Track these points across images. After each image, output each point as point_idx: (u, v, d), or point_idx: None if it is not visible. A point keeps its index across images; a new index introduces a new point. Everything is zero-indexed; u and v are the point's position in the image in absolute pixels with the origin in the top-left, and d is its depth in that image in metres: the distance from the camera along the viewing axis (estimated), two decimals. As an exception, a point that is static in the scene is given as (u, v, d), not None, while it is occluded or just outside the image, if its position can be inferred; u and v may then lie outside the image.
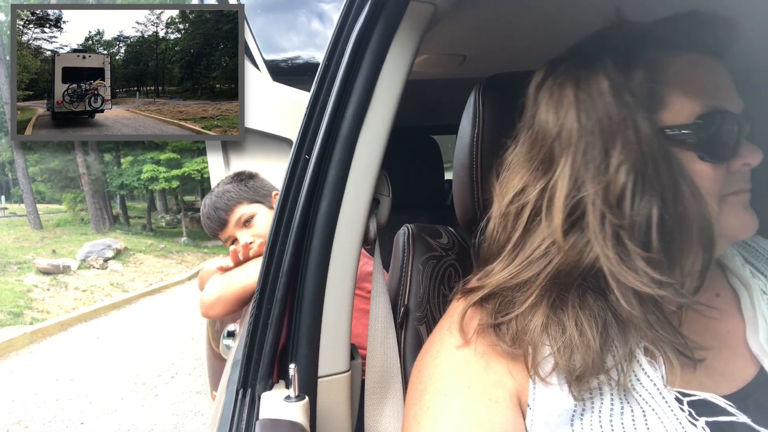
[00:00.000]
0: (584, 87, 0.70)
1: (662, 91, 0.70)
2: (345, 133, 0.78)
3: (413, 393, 0.76)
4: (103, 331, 7.49)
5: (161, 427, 4.26)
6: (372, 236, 0.84)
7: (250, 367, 0.76)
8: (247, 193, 1.68)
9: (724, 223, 0.71)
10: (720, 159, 0.69)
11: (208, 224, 1.68)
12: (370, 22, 0.78)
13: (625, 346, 0.67)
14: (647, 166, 0.66)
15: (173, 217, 21.43)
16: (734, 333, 0.77)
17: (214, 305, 1.48)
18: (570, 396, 0.67)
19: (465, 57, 1.41)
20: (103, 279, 10.59)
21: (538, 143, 0.73)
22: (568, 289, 0.70)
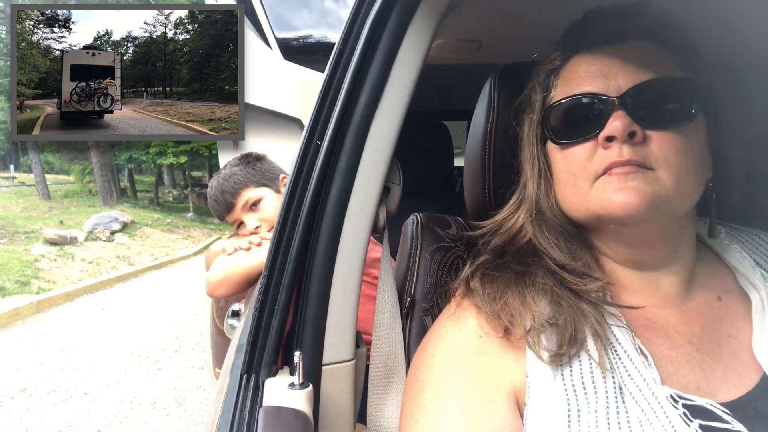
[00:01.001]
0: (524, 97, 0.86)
1: (552, 93, 0.80)
2: (358, 119, 0.77)
3: (410, 390, 0.76)
4: (108, 303, 7.55)
5: (163, 401, 4.30)
6: (381, 224, 0.83)
7: (255, 352, 0.76)
8: (255, 176, 1.67)
9: (594, 201, 0.71)
10: (564, 139, 0.76)
11: (215, 207, 1.68)
12: (387, 5, 0.76)
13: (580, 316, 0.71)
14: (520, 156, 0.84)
15: (180, 192, 21.47)
16: (736, 338, 0.75)
17: (220, 285, 1.48)
18: (563, 388, 0.67)
19: (481, 43, 1.39)
20: (110, 251, 10.65)
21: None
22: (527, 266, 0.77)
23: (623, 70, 0.72)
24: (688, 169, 0.70)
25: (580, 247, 0.79)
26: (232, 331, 1.75)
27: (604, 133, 0.70)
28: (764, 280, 0.78)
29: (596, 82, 0.73)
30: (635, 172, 0.68)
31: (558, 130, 0.77)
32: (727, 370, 0.72)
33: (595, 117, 0.72)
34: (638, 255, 0.77)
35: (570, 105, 0.75)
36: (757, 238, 0.84)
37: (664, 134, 0.69)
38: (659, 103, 0.70)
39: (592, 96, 0.73)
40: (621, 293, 0.77)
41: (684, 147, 0.69)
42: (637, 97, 0.70)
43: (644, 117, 0.69)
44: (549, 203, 0.80)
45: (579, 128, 0.74)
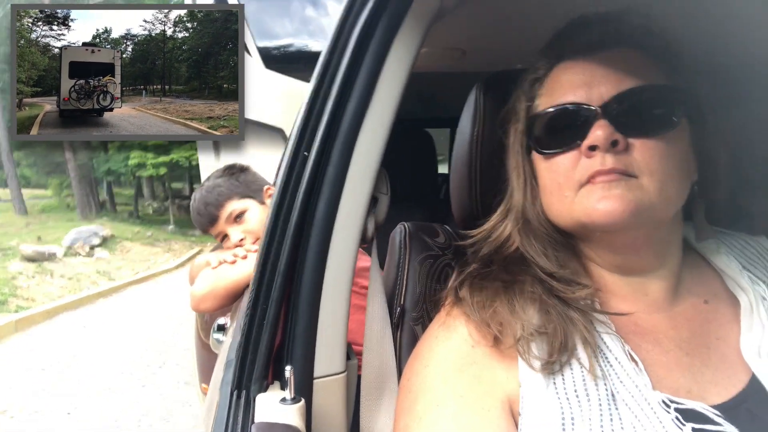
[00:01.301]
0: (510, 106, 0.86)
1: (536, 102, 0.81)
2: (345, 129, 0.76)
3: (403, 401, 0.76)
4: (89, 320, 7.42)
5: (149, 418, 4.24)
6: (370, 235, 0.83)
7: (244, 368, 0.75)
8: (239, 187, 1.66)
9: (579, 209, 0.72)
10: (548, 149, 0.76)
11: (198, 219, 1.65)
12: (375, 15, 0.76)
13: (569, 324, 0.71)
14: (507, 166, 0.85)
15: (160, 204, 21.24)
16: (725, 340, 0.76)
17: (205, 299, 1.46)
18: (556, 396, 0.67)
19: (464, 52, 1.40)
20: (90, 266, 10.49)
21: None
22: (515, 275, 0.77)
23: (605, 78, 0.73)
24: (672, 176, 0.71)
25: (567, 255, 0.80)
26: (218, 346, 1.73)
27: (587, 142, 0.71)
28: (752, 283, 0.79)
29: (579, 91, 0.74)
30: (618, 180, 0.69)
31: (542, 139, 0.78)
32: (716, 372, 0.73)
33: (578, 126, 0.72)
34: (625, 261, 0.77)
35: (553, 115, 0.76)
36: (743, 241, 0.86)
37: (647, 142, 0.70)
38: (641, 111, 0.71)
39: (575, 106, 0.74)
40: (609, 299, 0.78)
41: (667, 154, 0.70)
42: (619, 105, 0.71)
43: (626, 125, 0.70)
44: (535, 212, 0.80)
45: (562, 138, 0.75)
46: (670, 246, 0.79)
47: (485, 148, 0.93)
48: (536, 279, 0.76)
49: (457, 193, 1.00)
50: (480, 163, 0.94)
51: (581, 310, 0.73)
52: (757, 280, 0.80)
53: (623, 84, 0.72)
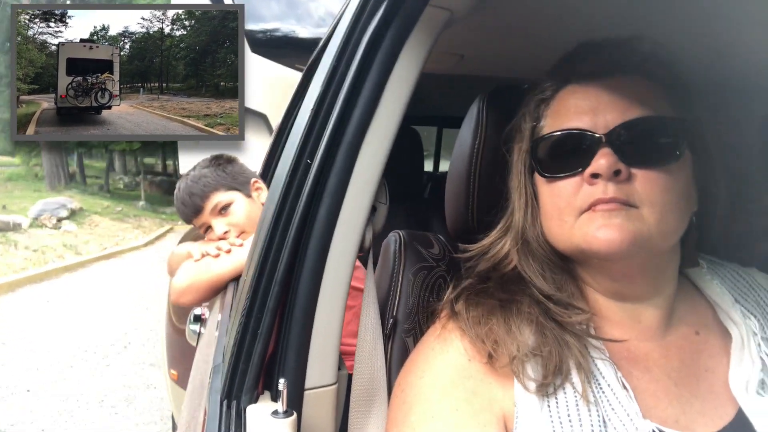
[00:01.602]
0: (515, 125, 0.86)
1: (541, 124, 0.81)
2: (349, 138, 0.75)
3: (397, 413, 0.75)
4: (53, 294, 7.27)
5: (112, 399, 4.17)
6: (367, 245, 0.81)
7: (235, 377, 0.74)
8: (225, 179, 1.63)
9: (578, 236, 0.72)
10: (551, 173, 0.76)
11: (183, 210, 1.62)
12: (384, 24, 0.74)
13: (564, 347, 0.71)
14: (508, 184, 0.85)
15: (132, 179, 20.83)
16: (714, 372, 0.77)
17: (186, 292, 1.43)
18: (549, 419, 0.67)
19: (463, 56, 1.39)
20: (56, 239, 10.24)
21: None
22: (512, 294, 0.77)
23: (611, 106, 0.73)
24: (672, 208, 0.71)
25: (564, 278, 0.80)
26: (194, 337, 1.70)
27: (590, 170, 0.71)
28: (744, 317, 0.80)
29: (585, 117, 0.74)
30: (619, 210, 0.69)
31: (545, 162, 0.78)
32: (704, 404, 0.74)
33: (582, 153, 0.73)
34: (621, 287, 0.78)
35: (558, 139, 0.76)
36: (735, 273, 0.87)
37: (649, 173, 0.70)
38: (645, 141, 0.71)
39: (580, 132, 0.74)
40: (603, 324, 0.78)
41: (668, 186, 0.71)
42: (623, 135, 0.71)
43: (630, 155, 0.70)
44: (535, 233, 0.81)
45: (566, 163, 0.75)
46: (665, 275, 0.79)
47: (485, 162, 0.93)
48: (533, 300, 0.77)
49: (453, 205, 0.99)
50: (479, 176, 0.94)
51: (576, 334, 0.73)
52: (749, 314, 0.81)
53: (629, 113, 0.72)
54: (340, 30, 0.85)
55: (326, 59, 0.86)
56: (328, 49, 0.92)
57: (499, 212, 0.87)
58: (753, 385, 0.74)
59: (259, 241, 0.86)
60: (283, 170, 0.82)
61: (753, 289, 0.85)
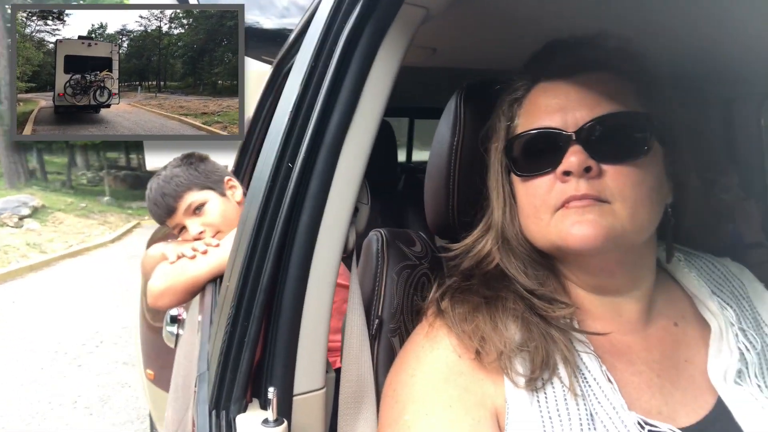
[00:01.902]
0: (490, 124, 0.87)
1: (515, 123, 0.82)
2: (330, 140, 0.74)
3: (390, 412, 0.75)
4: (19, 294, 7.07)
5: (86, 400, 4.10)
6: (351, 246, 0.81)
7: (223, 387, 0.73)
8: (198, 178, 1.59)
9: (554, 233, 0.74)
10: (525, 172, 0.78)
11: (155, 210, 1.58)
12: (360, 23, 0.73)
13: (550, 342, 0.72)
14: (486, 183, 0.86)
15: (95, 174, 20.29)
16: (693, 362, 0.80)
17: (163, 295, 1.41)
18: (539, 413, 0.68)
19: (435, 50, 1.38)
20: (18, 238, 9.93)
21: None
22: (497, 290, 0.78)
23: (581, 103, 0.75)
24: (644, 201, 0.73)
25: (546, 274, 0.81)
26: (172, 339, 1.68)
27: (561, 168, 0.73)
28: (721, 308, 0.83)
29: (555, 116, 0.76)
30: (592, 206, 0.71)
31: (519, 162, 0.79)
32: (685, 394, 0.76)
33: (553, 151, 0.74)
34: (600, 281, 0.79)
35: (530, 138, 0.77)
36: (710, 264, 0.89)
37: (620, 168, 0.72)
38: (614, 137, 0.73)
39: (550, 131, 0.75)
40: (586, 319, 0.80)
41: (639, 179, 0.72)
42: (592, 132, 0.72)
43: (600, 151, 0.72)
44: (514, 231, 0.82)
45: (538, 162, 0.76)
46: (643, 268, 0.81)
47: (464, 158, 0.93)
48: (518, 296, 0.78)
49: (433, 202, 0.99)
50: (459, 173, 0.94)
51: (561, 328, 0.74)
52: (726, 306, 0.83)
53: (598, 109, 0.74)
54: (315, 29, 0.83)
55: (302, 58, 0.84)
56: (303, 48, 0.91)
57: (480, 210, 0.88)
58: (731, 374, 0.77)
59: (241, 248, 0.84)
60: (264, 173, 0.80)
61: (728, 279, 0.88)
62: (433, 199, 0.99)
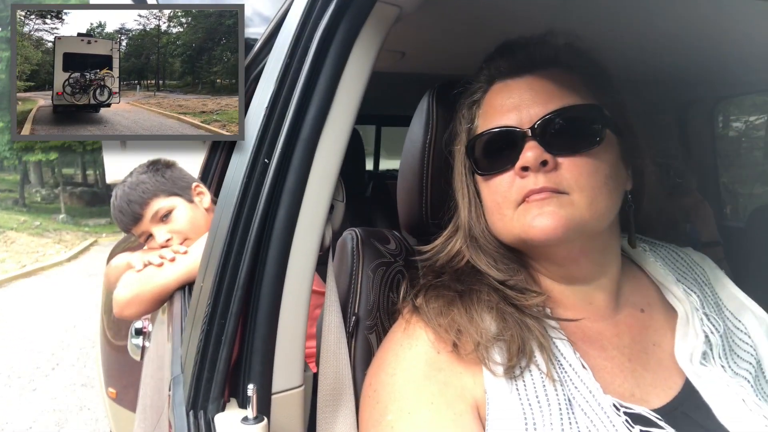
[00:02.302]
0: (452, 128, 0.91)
1: (475, 124, 0.85)
2: (306, 136, 0.74)
3: (371, 413, 0.75)
4: (-32, 317, 6.77)
5: (41, 425, 3.93)
6: (327, 243, 0.81)
7: (200, 386, 0.71)
8: (165, 184, 1.56)
9: (517, 227, 0.77)
10: (486, 170, 0.81)
11: (121, 218, 1.54)
12: (335, 21, 0.74)
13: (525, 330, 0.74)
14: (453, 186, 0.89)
15: (50, 191, 19.67)
16: (660, 346, 0.82)
17: (130, 305, 1.37)
18: (518, 401, 0.69)
19: (404, 54, 1.40)
20: (-33, 259, 9.54)
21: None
22: (470, 284, 0.80)
23: (533, 101, 0.78)
24: (601, 189, 0.76)
25: (516, 267, 0.83)
26: (137, 351, 1.63)
27: (519, 164, 0.76)
28: (686, 294, 0.86)
29: (510, 114, 0.79)
30: (550, 198, 0.74)
31: (480, 161, 0.82)
32: (655, 376, 0.79)
33: (511, 149, 0.77)
34: (568, 271, 0.82)
35: (488, 138, 0.81)
36: (674, 253, 0.93)
37: (574, 159, 0.75)
38: (568, 130, 0.76)
39: (506, 129, 0.79)
40: (557, 308, 0.82)
41: (594, 169, 0.75)
42: (546, 127, 0.76)
43: (554, 145, 0.75)
44: (480, 229, 0.85)
45: (498, 160, 0.79)
46: (607, 255, 0.84)
47: (437, 156, 0.94)
48: (491, 288, 0.79)
49: (406, 201, 1.00)
50: (431, 170, 0.95)
51: (535, 317, 0.76)
52: (690, 292, 0.87)
53: (550, 105, 0.77)
54: (289, 27, 0.83)
55: (276, 58, 0.84)
56: (276, 45, 0.91)
57: (448, 212, 0.91)
58: (696, 356, 0.80)
59: (216, 245, 0.83)
60: (239, 171, 0.80)
61: (690, 267, 0.92)
62: (406, 198, 1.00)
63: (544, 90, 0.78)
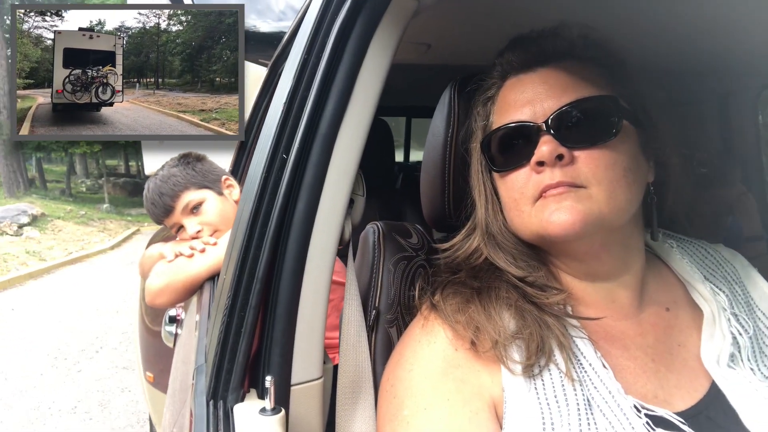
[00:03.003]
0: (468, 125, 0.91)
1: (490, 121, 0.85)
2: (324, 131, 0.74)
3: (388, 408, 0.76)
4: (18, 302, 7.06)
5: (85, 405, 4.09)
6: (346, 238, 0.81)
7: (221, 377, 0.73)
8: (195, 177, 1.60)
9: (535, 223, 0.75)
10: (502, 167, 0.80)
11: (153, 210, 1.58)
12: (352, 15, 0.74)
13: (545, 328, 0.73)
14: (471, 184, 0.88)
15: (94, 182, 20.31)
16: (686, 346, 0.80)
17: (161, 294, 1.41)
18: (536, 400, 0.69)
19: (429, 46, 1.39)
20: (18, 246, 9.93)
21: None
22: (489, 281, 0.79)
23: (547, 94, 0.77)
24: (620, 181, 0.74)
25: (536, 264, 0.82)
26: (171, 338, 1.68)
27: (534, 158, 0.74)
28: (713, 294, 0.83)
29: (525, 109, 0.78)
30: (568, 192, 0.72)
31: (496, 158, 0.81)
32: (680, 377, 0.77)
33: (526, 144, 0.76)
34: (589, 267, 0.80)
35: (503, 134, 0.80)
36: (703, 250, 0.90)
37: (591, 152, 0.73)
38: (583, 123, 0.74)
39: (521, 124, 0.77)
40: (578, 306, 0.81)
41: (612, 161, 0.73)
42: (560, 120, 0.74)
43: (569, 138, 0.73)
44: (498, 226, 0.84)
45: (513, 156, 0.78)
46: (630, 250, 0.82)
47: (459, 149, 0.94)
48: (510, 285, 0.78)
49: (429, 195, 1.00)
50: (453, 164, 0.94)
51: (555, 315, 0.75)
52: (718, 291, 0.84)
53: (564, 98, 0.75)
54: (307, 23, 0.84)
55: (295, 53, 0.85)
56: (296, 42, 0.91)
57: (465, 209, 0.91)
58: (724, 358, 0.77)
59: (237, 239, 0.85)
60: (259, 166, 0.81)
61: (720, 265, 0.89)
62: (429, 192, 1.00)
63: (558, 83, 0.77)
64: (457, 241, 0.88)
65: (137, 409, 3.95)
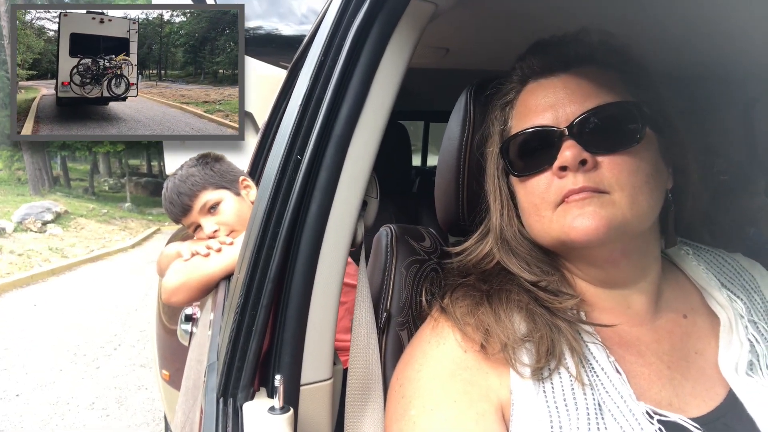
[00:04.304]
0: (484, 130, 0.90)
1: (509, 125, 0.84)
2: (339, 132, 0.75)
3: (396, 407, 0.76)
4: (40, 298, 7.18)
5: (103, 401, 4.14)
6: (359, 240, 0.82)
7: (231, 375, 0.73)
8: (213, 177, 1.62)
9: (556, 228, 0.74)
10: (522, 172, 0.79)
11: (171, 209, 1.61)
12: (370, 18, 0.74)
13: (556, 331, 0.73)
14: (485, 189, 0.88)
15: (117, 181, 20.62)
16: (703, 354, 0.79)
17: (177, 292, 1.42)
18: (545, 404, 0.68)
19: (448, 50, 1.39)
20: (41, 243, 10.12)
21: None
22: (500, 284, 0.79)
23: (570, 99, 0.76)
24: (642, 188, 0.73)
25: (550, 269, 0.81)
26: (186, 337, 1.70)
27: (557, 163, 0.74)
28: (730, 301, 0.82)
29: (546, 114, 0.77)
30: (590, 198, 0.72)
31: (516, 162, 0.81)
32: (696, 385, 0.75)
33: (548, 149, 0.75)
34: (606, 274, 0.79)
35: (524, 139, 0.79)
36: (720, 258, 0.89)
37: (615, 157, 0.73)
38: (606, 128, 0.74)
39: (543, 129, 0.77)
40: (593, 312, 0.80)
41: (635, 167, 0.73)
42: (583, 125, 0.74)
43: (593, 144, 0.73)
44: (513, 231, 0.83)
45: (534, 160, 0.77)
46: (648, 258, 0.81)
47: (474, 153, 0.93)
48: (522, 288, 0.78)
49: (443, 198, 1.00)
50: (468, 168, 0.94)
51: (568, 320, 0.74)
52: (735, 298, 0.83)
53: (587, 103, 0.75)
54: (325, 25, 0.84)
55: (312, 54, 0.85)
56: (313, 44, 0.92)
57: (479, 214, 0.90)
58: (742, 366, 0.76)
59: (251, 239, 0.85)
60: (273, 167, 0.81)
61: (738, 273, 0.87)
62: (443, 195, 1.00)
63: (579, 88, 0.76)
64: (470, 245, 0.88)
65: (153, 407, 4.00)
